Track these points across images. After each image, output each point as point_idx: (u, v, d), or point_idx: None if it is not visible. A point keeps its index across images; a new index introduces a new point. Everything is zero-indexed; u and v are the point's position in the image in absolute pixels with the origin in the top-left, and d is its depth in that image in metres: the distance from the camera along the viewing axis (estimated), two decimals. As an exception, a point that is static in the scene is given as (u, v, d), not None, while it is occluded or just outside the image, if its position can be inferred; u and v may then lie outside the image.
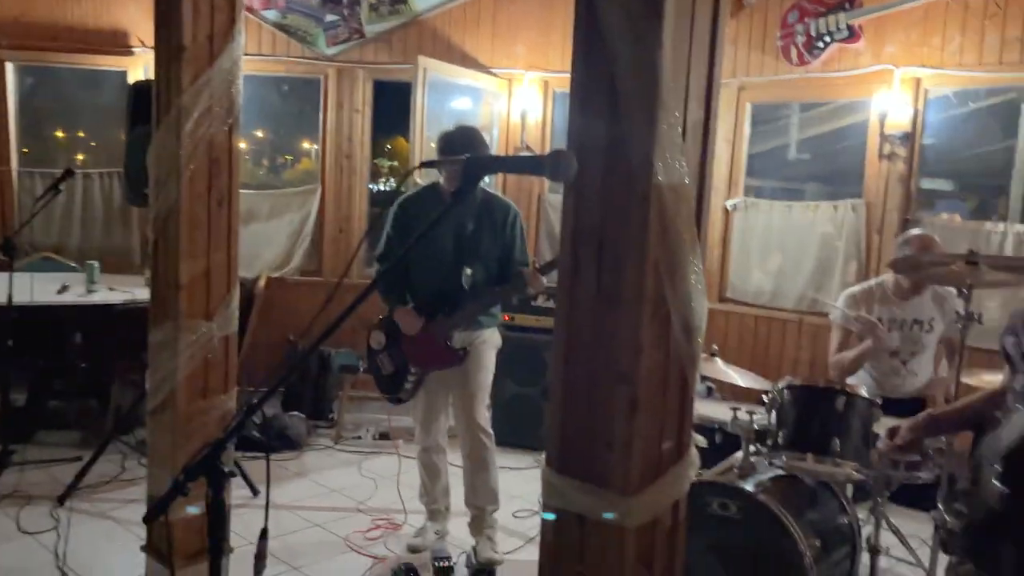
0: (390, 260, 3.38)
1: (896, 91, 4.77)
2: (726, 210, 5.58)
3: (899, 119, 4.77)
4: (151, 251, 2.87)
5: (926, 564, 2.83)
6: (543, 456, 1.70)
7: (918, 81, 4.75)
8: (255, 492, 3.94)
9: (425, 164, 1.86)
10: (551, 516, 1.51)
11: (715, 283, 5.65)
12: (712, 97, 1.66)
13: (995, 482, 1.58)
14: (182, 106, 2.64)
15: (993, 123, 5.59)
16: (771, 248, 5.45)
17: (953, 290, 3.34)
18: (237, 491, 3.96)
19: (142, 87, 3.49)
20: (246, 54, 2.89)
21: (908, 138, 4.74)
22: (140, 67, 5.64)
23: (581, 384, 1.64)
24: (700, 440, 3.15)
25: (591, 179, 1.59)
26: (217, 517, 1.33)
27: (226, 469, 1.32)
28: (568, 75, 1.61)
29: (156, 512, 1.35)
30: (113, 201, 5.87)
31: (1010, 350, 1.76)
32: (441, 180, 3.37)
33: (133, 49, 5.71)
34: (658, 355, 1.61)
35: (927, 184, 5.59)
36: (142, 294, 4.37)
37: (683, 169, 1.54)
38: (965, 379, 2.75)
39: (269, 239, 5.76)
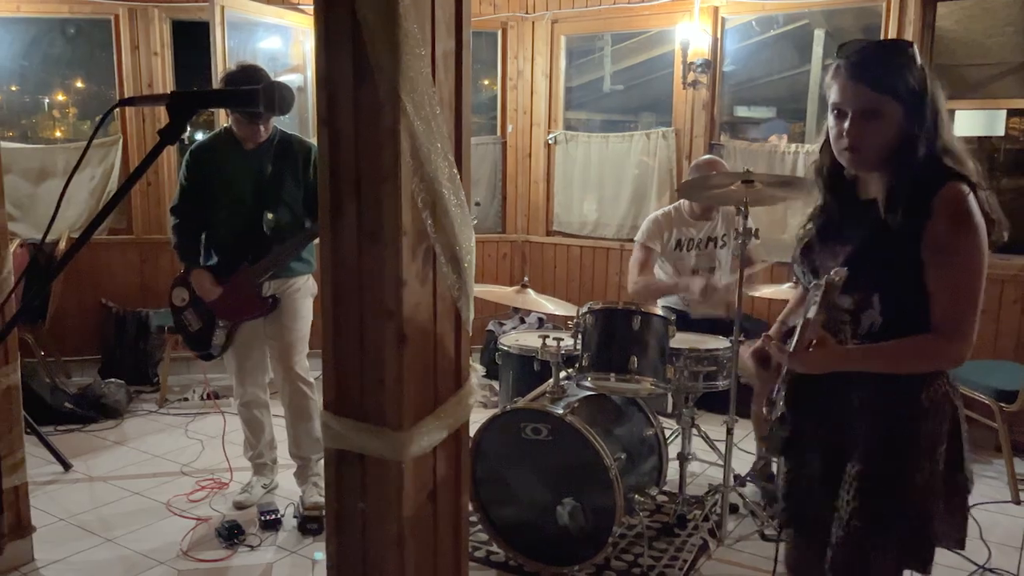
0: (184, 211, 3.23)
1: (696, 20, 4.94)
2: (548, 144, 5.66)
3: (700, 47, 4.95)
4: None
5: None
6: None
7: (716, 10, 4.94)
8: (66, 467, 3.72)
9: (123, 103, 1.74)
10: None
11: (542, 217, 5.75)
12: (463, 26, 1.64)
13: None
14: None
15: (790, 49, 5.93)
16: (592, 180, 5.59)
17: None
18: (48, 467, 3.74)
19: None
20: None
21: (709, 65, 4.94)
22: None
23: (351, 323, 1.63)
24: (479, 368, 3.22)
25: (343, 114, 1.55)
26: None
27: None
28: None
29: None
30: None
31: (797, 274, 2.01)
32: (231, 124, 3.22)
33: None
34: (424, 289, 1.61)
35: (738, 110, 5.88)
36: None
37: (434, 101, 1.53)
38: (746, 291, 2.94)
39: (68, 197, 5.31)
